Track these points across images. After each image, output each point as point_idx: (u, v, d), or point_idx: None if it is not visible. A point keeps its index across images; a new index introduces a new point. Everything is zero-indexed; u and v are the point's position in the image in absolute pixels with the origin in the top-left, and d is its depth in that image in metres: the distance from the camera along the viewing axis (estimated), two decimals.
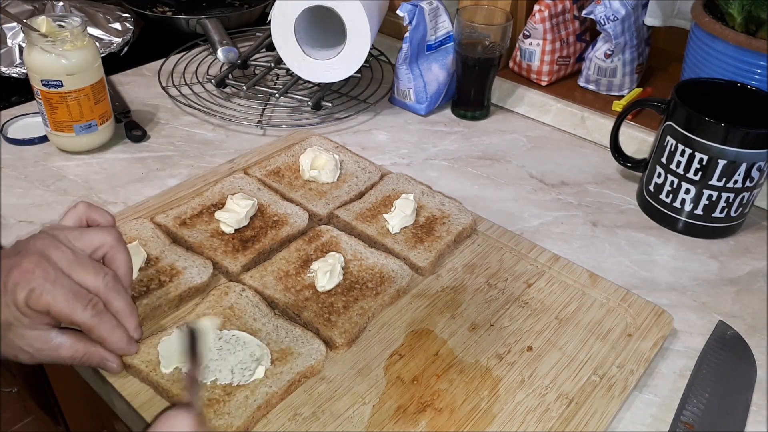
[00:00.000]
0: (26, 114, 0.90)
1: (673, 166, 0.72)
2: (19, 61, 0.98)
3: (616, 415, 0.54)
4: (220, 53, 0.99)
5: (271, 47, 1.03)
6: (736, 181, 0.69)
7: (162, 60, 1.05)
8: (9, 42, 1.00)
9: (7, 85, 0.97)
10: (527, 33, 0.95)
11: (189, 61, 1.06)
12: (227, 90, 0.99)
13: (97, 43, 0.89)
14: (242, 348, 0.54)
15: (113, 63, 1.03)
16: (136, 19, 1.12)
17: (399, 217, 0.69)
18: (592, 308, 0.63)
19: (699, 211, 0.73)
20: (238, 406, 0.50)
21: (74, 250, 0.50)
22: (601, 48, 0.92)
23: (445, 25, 0.96)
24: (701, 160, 0.69)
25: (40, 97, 0.78)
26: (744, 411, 0.55)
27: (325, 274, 0.61)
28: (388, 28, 1.09)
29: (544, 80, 0.97)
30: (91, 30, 1.04)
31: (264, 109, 0.95)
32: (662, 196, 0.75)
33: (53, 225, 0.52)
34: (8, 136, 0.86)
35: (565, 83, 0.99)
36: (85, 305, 0.48)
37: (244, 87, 0.95)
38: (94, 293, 0.49)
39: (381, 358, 0.56)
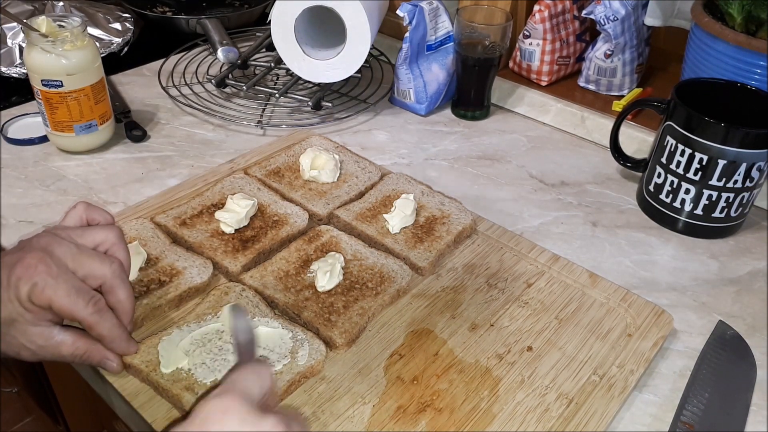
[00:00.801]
0: (26, 114, 0.90)
1: (673, 166, 0.72)
2: (19, 61, 0.98)
3: (616, 415, 0.54)
4: (220, 53, 0.99)
5: (271, 47, 1.03)
6: (736, 181, 0.69)
7: (162, 60, 1.05)
8: (9, 42, 1.00)
9: (7, 85, 0.97)
10: (527, 33, 0.95)
11: (189, 61, 1.06)
12: (227, 90, 0.99)
13: (97, 43, 0.89)
14: None
15: (113, 63, 1.03)
16: (136, 19, 1.12)
17: (399, 217, 0.69)
18: (592, 308, 0.63)
19: (699, 211, 0.73)
20: None
21: (77, 245, 0.50)
22: (601, 48, 0.92)
23: (445, 25, 0.96)
24: (701, 160, 0.69)
25: (40, 97, 0.78)
26: (744, 411, 0.55)
27: (325, 274, 0.61)
28: (388, 28, 1.09)
29: (544, 80, 0.97)
30: (91, 30, 1.04)
31: (264, 109, 0.95)
32: (662, 196, 0.75)
33: (55, 225, 0.53)
34: (8, 136, 0.86)
35: (565, 83, 0.99)
36: (87, 301, 0.48)
37: (244, 87, 0.95)
38: (100, 280, 0.50)
39: (381, 358, 0.56)
